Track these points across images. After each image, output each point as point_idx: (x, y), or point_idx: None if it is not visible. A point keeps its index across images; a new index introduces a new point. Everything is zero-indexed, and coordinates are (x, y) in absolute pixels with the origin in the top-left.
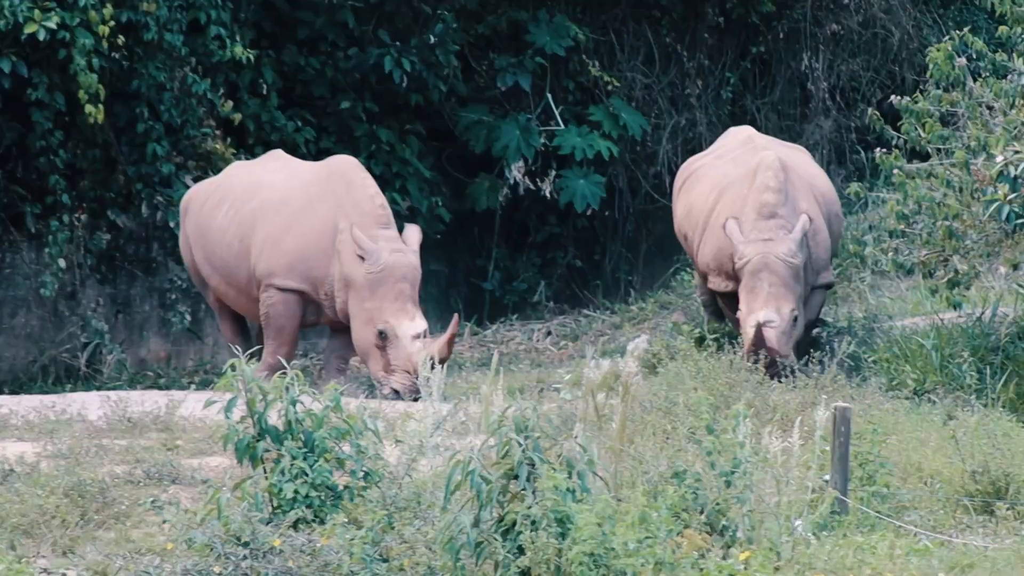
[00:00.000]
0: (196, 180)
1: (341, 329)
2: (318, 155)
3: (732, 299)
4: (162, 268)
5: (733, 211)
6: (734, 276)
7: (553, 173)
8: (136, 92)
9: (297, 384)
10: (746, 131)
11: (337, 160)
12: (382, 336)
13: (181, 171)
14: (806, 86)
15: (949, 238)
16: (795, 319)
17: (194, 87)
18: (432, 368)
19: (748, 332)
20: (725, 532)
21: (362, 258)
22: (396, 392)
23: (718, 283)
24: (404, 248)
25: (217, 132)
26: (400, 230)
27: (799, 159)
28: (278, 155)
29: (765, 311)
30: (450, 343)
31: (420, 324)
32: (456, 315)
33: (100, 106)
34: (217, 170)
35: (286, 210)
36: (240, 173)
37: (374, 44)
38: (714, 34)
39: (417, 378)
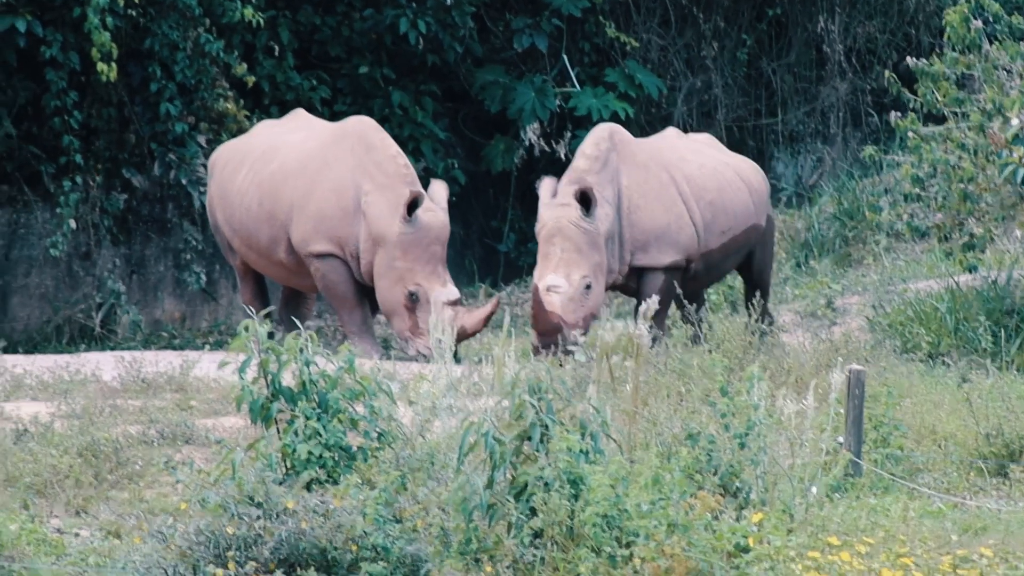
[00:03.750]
0: (209, 141)
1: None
2: (333, 116)
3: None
4: (177, 229)
5: None
6: None
7: (568, 135)
8: (149, 51)
9: (311, 345)
10: (703, 137)
11: (354, 121)
12: (412, 298)
13: (194, 131)
14: (822, 48)
15: (964, 201)
16: (587, 287)
17: (207, 47)
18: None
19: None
20: (739, 494)
21: (404, 219)
22: (422, 354)
23: None
24: (435, 208)
25: (230, 93)
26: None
27: (679, 146)
28: (299, 114)
29: (553, 275)
30: (486, 320)
31: (453, 291)
32: (497, 298)
33: (113, 64)
34: (230, 131)
35: (305, 175)
36: (262, 134)
37: (390, 5)
38: None
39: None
